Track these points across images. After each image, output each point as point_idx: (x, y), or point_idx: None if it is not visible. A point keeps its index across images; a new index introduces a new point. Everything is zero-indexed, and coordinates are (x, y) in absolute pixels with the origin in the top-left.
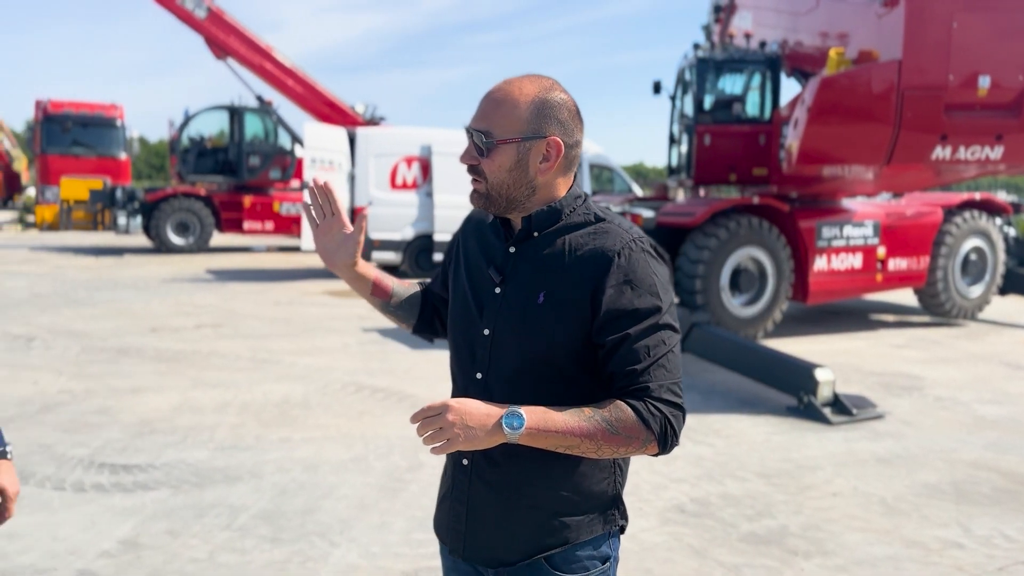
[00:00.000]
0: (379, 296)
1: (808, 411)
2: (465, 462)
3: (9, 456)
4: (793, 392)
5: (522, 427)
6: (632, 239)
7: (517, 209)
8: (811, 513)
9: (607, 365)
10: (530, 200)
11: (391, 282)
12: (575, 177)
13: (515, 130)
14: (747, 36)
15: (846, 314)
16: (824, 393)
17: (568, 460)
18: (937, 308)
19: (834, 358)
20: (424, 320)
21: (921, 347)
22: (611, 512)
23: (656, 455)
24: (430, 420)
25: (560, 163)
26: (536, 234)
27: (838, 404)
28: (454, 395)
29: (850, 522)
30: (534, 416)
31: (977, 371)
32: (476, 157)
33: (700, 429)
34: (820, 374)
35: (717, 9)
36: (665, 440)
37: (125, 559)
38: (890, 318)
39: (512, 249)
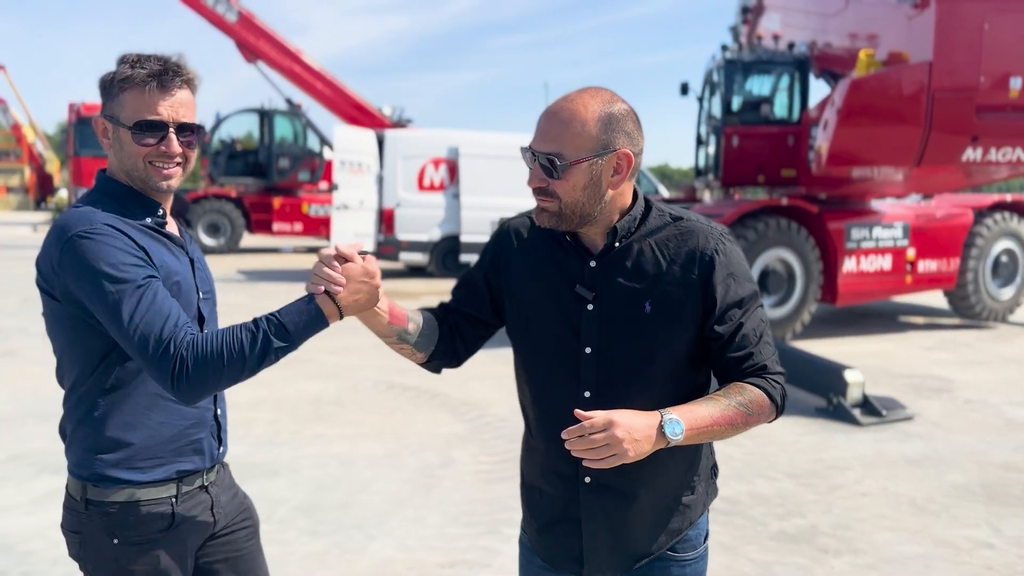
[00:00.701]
0: (397, 323)
1: (837, 412)
2: (588, 480)
3: None
4: (822, 393)
5: (682, 432)
6: (720, 234)
7: (588, 223)
8: (841, 512)
9: (724, 353)
10: (602, 213)
11: (404, 308)
12: None
13: (587, 149)
14: (775, 37)
15: (875, 316)
16: (854, 394)
17: (685, 448)
18: (967, 310)
19: (863, 360)
20: (441, 348)
21: (951, 349)
22: (712, 481)
23: (770, 422)
24: (593, 438)
25: (629, 173)
26: (616, 245)
27: (867, 405)
28: (550, 417)
29: (880, 521)
30: (686, 418)
31: (1007, 373)
32: (546, 179)
33: None
34: (850, 375)
35: (745, 10)
36: (783, 407)
37: None
38: (919, 320)
39: (593, 264)
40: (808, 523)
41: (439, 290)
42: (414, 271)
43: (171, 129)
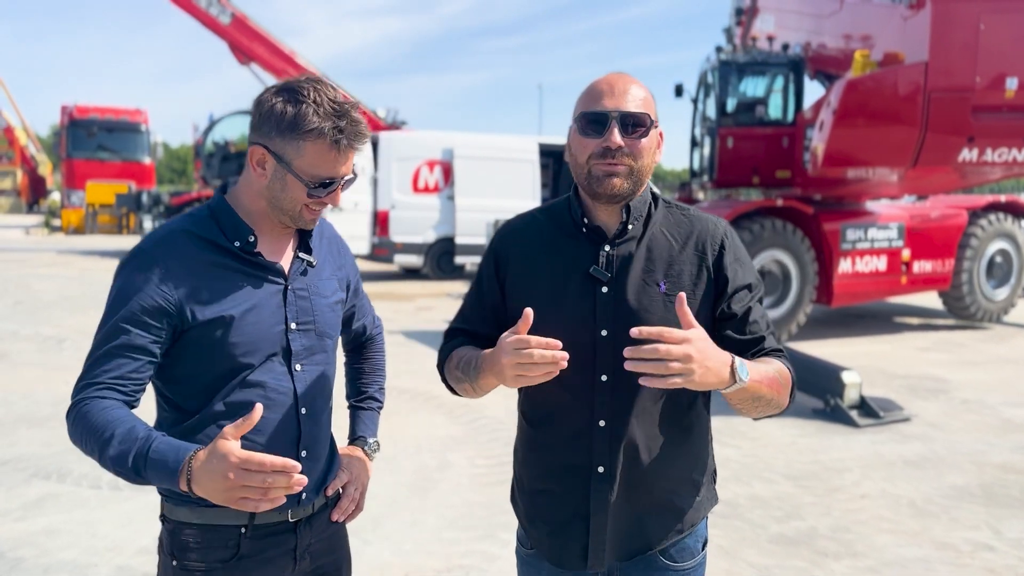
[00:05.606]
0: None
1: (835, 414)
2: (601, 470)
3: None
4: (819, 395)
5: (747, 379)
6: (725, 224)
7: (631, 196)
8: (840, 515)
9: (737, 336)
10: (641, 187)
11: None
12: None
13: (655, 116)
14: (770, 39)
15: (870, 317)
16: (851, 396)
17: (693, 439)
18: (962, 311)
19: (859, 361)
20: None
21: (946, 350)
22: (713, 486)
23: (782, 411)
24: (670, 348)
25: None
26: (630, 227)
27: (865, 407)
28: (565, 407)
29: (879, 524)
30: (749, 366)
31: (1003, 374)
32: (631, 140)
33: (726, 431)
34: (847, 376)
35: (739, 12)
36: (794, 395)
37: None
38: (914, 321)
39: (607, 248)
40: (807, 526)
41: (434, 292)
42: (409, 273)
43: (340, 184)
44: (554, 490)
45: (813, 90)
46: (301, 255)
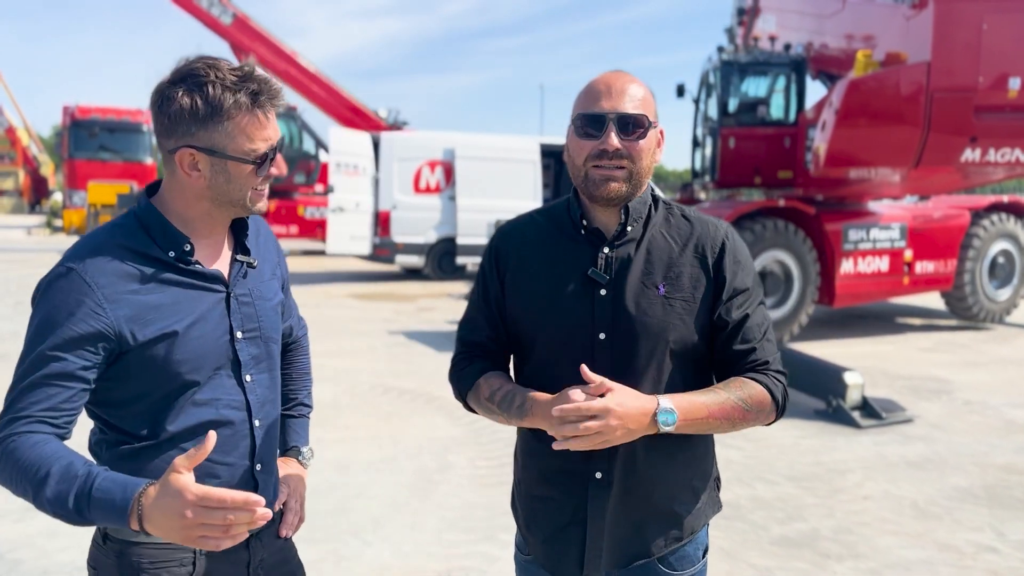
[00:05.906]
0: None
1: (837, 415)
2: (599, 475)
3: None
4: (822, 396)
5: (674, 423)
6: (727, 226)
7: (630, 198)
8: (842, 516)
9: (728, 345)
10: (641, 188)
11: (499, 381)
12: None
13: (654, 116)
14: (771, 39)
15: (872, 317)
16: (853, 397)
17: (693, 445)
18: (964, 311)
19: (861, 361)
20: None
21: (949, 350)
22: (716, 493)
23: (770, 424)
24: (587, 425)
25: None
26: (629, 229)
27: (867, 408)
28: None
29: (882, 525)
30: (682, 407)
31: (1006, 374)
32: (629, 142)
33: (728, 432)
34: (849, 377)
35: (741, 12)
36: (783, 408)
37: None
38: (917, 321)
39: (606, 250)
40: (809, 527)
41: (435, 292)
42: (410, 273)
43: (278, 149)
44: (551, 496)
45: (815, 90)
46: (240, 257)
